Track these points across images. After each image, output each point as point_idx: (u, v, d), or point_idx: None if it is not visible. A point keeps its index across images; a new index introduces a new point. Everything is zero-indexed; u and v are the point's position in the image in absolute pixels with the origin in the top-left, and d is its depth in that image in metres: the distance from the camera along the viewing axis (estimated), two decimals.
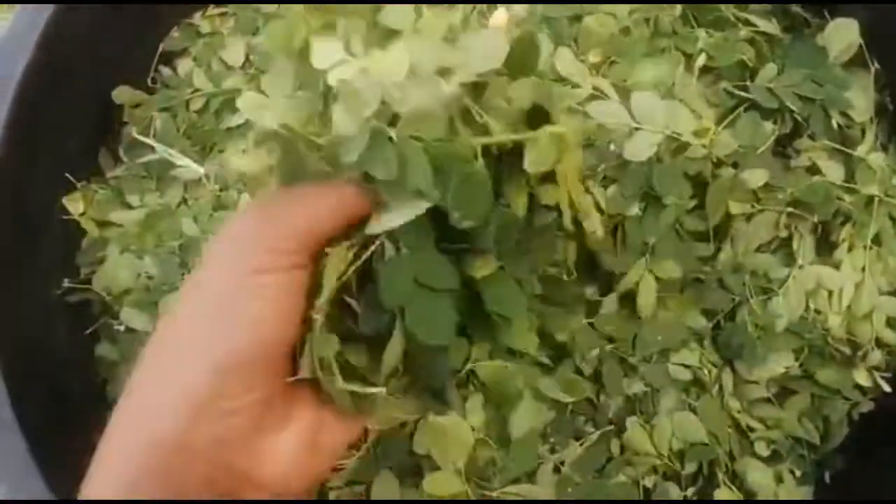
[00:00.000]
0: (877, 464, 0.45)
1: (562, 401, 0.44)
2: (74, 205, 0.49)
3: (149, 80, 0.52)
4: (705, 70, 0.47)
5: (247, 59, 0.51)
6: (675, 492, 0.45)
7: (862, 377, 0.45)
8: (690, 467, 0.45)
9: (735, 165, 0.45)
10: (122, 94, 0.51)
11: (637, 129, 0.42)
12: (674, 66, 0.47)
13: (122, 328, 0.48)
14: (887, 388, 0.44)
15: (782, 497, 0.45)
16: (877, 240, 0.44)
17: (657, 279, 0.44)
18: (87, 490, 0.26)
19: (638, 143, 0.42)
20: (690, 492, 0.45)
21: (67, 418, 0.47)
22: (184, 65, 0.52)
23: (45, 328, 0.48)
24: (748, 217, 0.45)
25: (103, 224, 0.50)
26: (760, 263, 0.45)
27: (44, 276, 0.48)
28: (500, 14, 0.45)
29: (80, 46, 0.48)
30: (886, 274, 0.45)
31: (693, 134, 0.43)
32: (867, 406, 0.46)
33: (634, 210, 0.43)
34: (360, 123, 0.25)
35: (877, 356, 0.45)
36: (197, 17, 0.53)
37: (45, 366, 0.47)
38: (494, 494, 0.43)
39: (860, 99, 0.46)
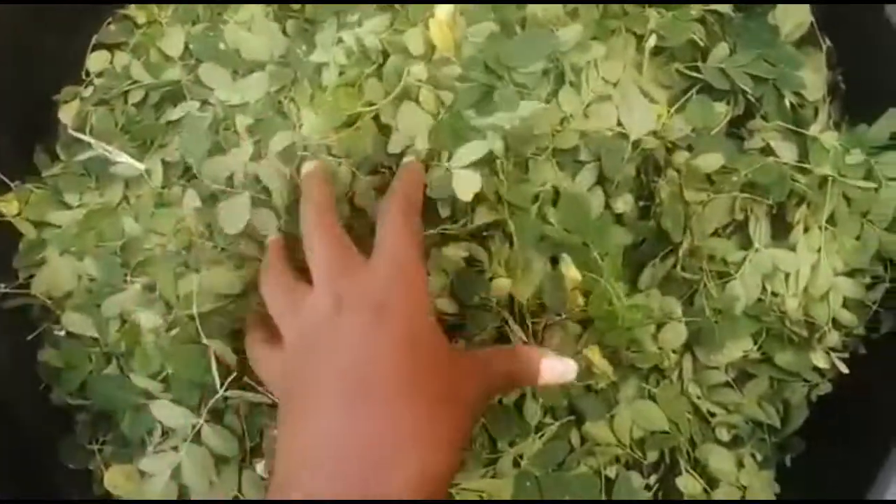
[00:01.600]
0: (836, 446, 0.45)
1: None
2: (8, 206, 0.47)
3: (82, 74, 0.50)
4: (656, 51, 0.46)
5: (186, 48, 0.49)
6: (637, 481, 0.45)
7: (820, 359, 0.44)
8: (652, 456, 0.45)
9: (689, 148, 0.45)
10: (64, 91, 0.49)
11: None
12: (624, 49, 0.47)
13: (63, 333, 0.46)
14: (845, 370, 0.44)
15: (743, 481, 0.45)
16: (831, 220, 0.44)
17: None
18: None
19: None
20: (653, 479, 0.45)
21: (13, 428, 0.45)
22: (120, 57, 0.50)
23: None
24: (703, 202, 0.44)
25: (40, 225, 0.48)
26: (717, 247, 0.45)
27: None
28: (444, 8, 0.44)
29: (6, 40, 0.46)
30: (842, 254, 0.44)
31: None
32: (825, 388, 0.46)
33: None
34: None
35: (834, 337, 0.44)
36: (132, 8, 0.51)
37: None
38: (453, 491, 0.43)
39: (812, 78, 0.45)
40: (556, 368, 0.37)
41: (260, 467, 0.42)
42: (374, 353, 0.32)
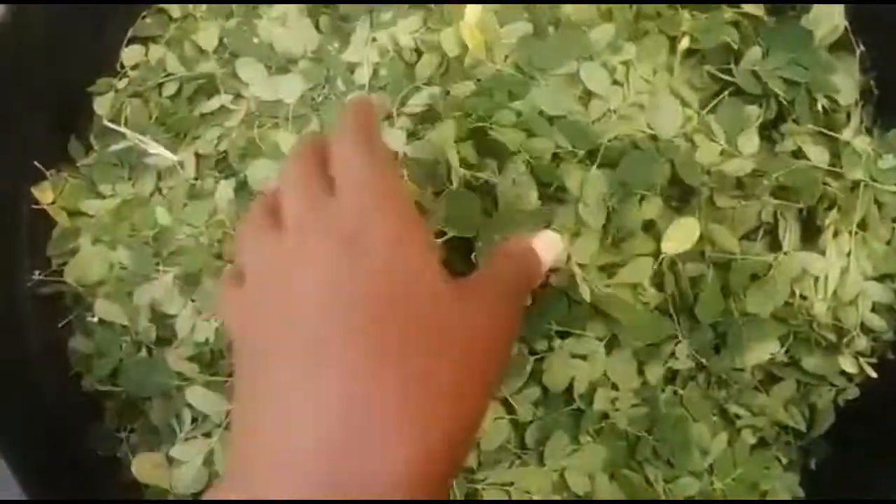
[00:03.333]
0: (862, 451, 0.45)
1: None
2: (44, 194, 0.48)
3: (117, 66, 0.51)
4: (689, 53, 0.46)
5: (220, 42, 0.50)
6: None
7: (847, 363, 0.44)
8: None
9: (721, 153, 0.45)
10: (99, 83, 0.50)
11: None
12: (658, 50, 0.47)
13: (95, 320, 0.47)
14: (873, 374, 0.44)
15: (766, 486, 0.45)
16: (862, 225, 0.44)
17: None
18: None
19: None
20: None
21: (42, 413, 0.46)
22: (155, 50, 0.51)
23: (16, 322, 0.47)
24: (734, 207, 0.44)
25: (74, 214, 0.49)
26: (745, 251, 0.45)
27: (13, 269, 0.47)
28: (473, 10, 0.44)
29: (45, 33, 0.46)
30: (871, 259, 0.44)
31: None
32: (853, 392, 0.45)
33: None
34: None
35: (862, 342, 0.44)
36: (168, 2, 0.52)
37: (17, 360, 0.46)
38: (479, 487, 0.43)
39: (845, 82, 0.45)
40: (545, 242, 0.33)
41: None
42: (338, 299, 0.25)
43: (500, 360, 0.28)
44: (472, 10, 0.45)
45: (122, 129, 0.48)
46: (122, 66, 0.51)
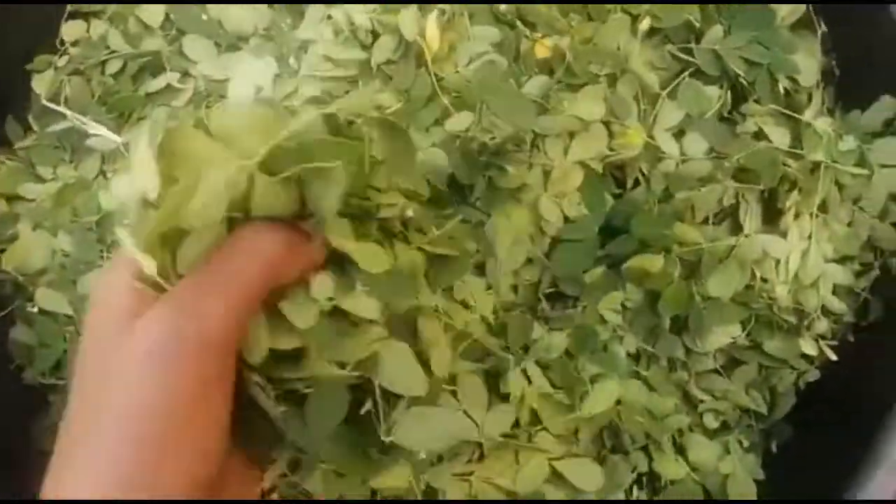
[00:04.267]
0: (823, 433, 0.45)
1: None
2: None
3: (57, 42, 0.48)
4: (651, 32, 0.46)
5: (167, 18, 0.48)
6: (623, 465, 0.44)
7: (808, 346, 0.44)
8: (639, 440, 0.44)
9: (681, 133, 0.44)
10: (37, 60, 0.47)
11: None
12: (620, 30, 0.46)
13: (36, 310, 0.45)
14: (833, 357, 0.44)
15: (726, 469, 0.44)
16: (823, 207, 0.44)
17: None
18: None
19: None
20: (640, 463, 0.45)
21: None
22: (97, 26, 0.48)
23: None
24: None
25: (12, 199, 0.46)
26: (706, 234, 0.44)
27: None
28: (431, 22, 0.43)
29: None
30: (832, 241, 0.44)
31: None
32: (813, 375, 0.45)
33: None
34: None
35: (823, 324, 0.44)
36: None
37: None
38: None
39: (807, 63, 0.45)
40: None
41: None
42: None
43: None
44: (430, 22, 0.43)
45: (63, 109, 0.46)
46: (62, 43, 0.48)
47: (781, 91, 0.44)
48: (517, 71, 0.45)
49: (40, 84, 0.47)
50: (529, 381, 0.41)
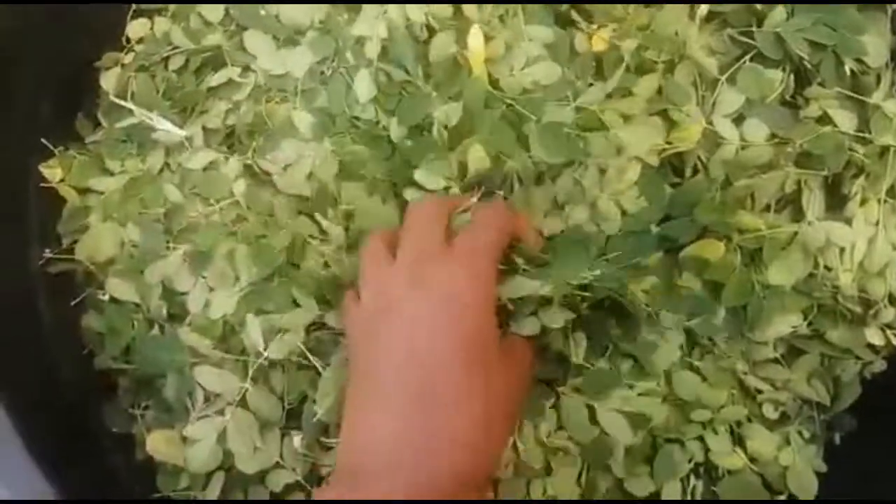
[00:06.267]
0: (889, 425, 0.44)
1: None
2: (52, 172, 0.47)
3: (123, 40, 0.50)
4: (709, 16, 0.45)
5: (226, 13, 0.49)
6: (678, 454, 0.44)
7: (874, 336, 0.43)
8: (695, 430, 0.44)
9: (741, 118, 0.43)
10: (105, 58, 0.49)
11: None
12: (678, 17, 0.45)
13: (107, 298, 0.47)
14: None
15: (786, 461, 0.44)
16: (891, 192, 0.42)
17: None
18: None
19: None
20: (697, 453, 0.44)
21: (56, 391, 0.46)
22: (160, 23, 0.50)
23: (28, 301, 0.46)
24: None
25: (83, 191, 0.48)
26: (767, 221, 0.43)
27: (23, 248, 0.46)
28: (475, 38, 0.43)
29: (46, 7, 0.45)
30: None
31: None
32: (879, 365, 0.44)
33: None
34: None
35: (890, 314, 0.43)
36: None
37: (30, 339, 0.45)
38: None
39: (875, 43, 0.43)
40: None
41: (297, 441, 0.42)
42: (437, 346, 0.34)
43: (520, 401, 0.40)
44: (474, 36, 0.44)
45: (129, 104, 0.47)
46: (128, 41, 0.50)
47: (847, 73, 0.43)
48: (571, 76, 0.45)
49: (108, 81, 0.49)
50: None
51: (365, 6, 0.47)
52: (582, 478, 0.43)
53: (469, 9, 0.46)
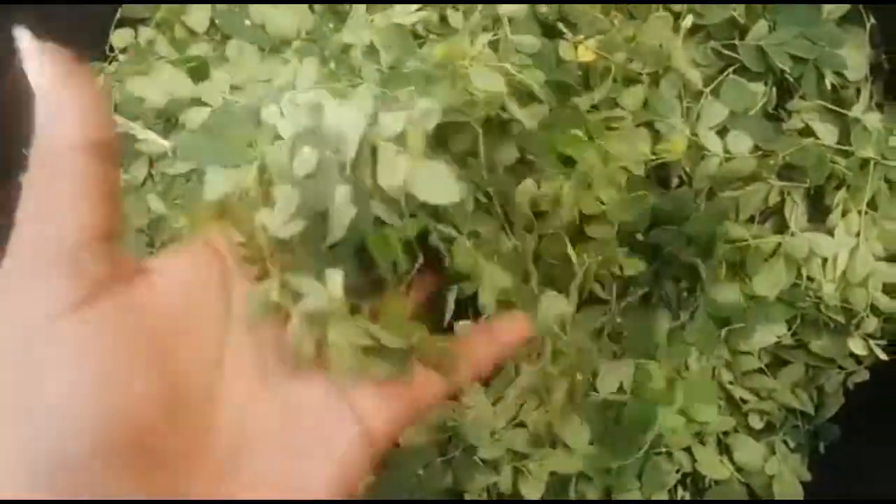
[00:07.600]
0: (873, 433, 0.44)
1: None
2: None
3: (106, 49, 0.49)
4: (693, 29, 0.45)
5: (212, 23, 0.48)
6: (665, 465, 0.44)
7: (857, 346, 0.44)
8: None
9: (724, 130, 0.44)
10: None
11: None
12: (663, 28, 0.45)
13: None
14: (883, 356, 0.43)
15: (771, 471, 0.44)
16: (872, 204, 0.43)
17: None
18: None
19: None
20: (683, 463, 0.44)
21: None
22: (144, 33, 0.49)
23: None
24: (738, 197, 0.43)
25: None
26: (751, 232, 0.44)
27: None
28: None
29: (29, 15, 0.45)
30: (882, 239, 0.43)
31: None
32: (862, 375, 0.45)
33: None
34: None
35: (872, 323, 0.43)
36: None
37: None
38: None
39: (855, 57, 0.44)
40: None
41: None
42: None
43: None
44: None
45: (113, 115, 0.47)
46: (112, 50, 0.50)
47: (829, 86, 0.44)
48: None
49: None
50: None
51: (350, 15, 0.47)
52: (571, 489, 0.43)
53: (455, 18, 0.46)
